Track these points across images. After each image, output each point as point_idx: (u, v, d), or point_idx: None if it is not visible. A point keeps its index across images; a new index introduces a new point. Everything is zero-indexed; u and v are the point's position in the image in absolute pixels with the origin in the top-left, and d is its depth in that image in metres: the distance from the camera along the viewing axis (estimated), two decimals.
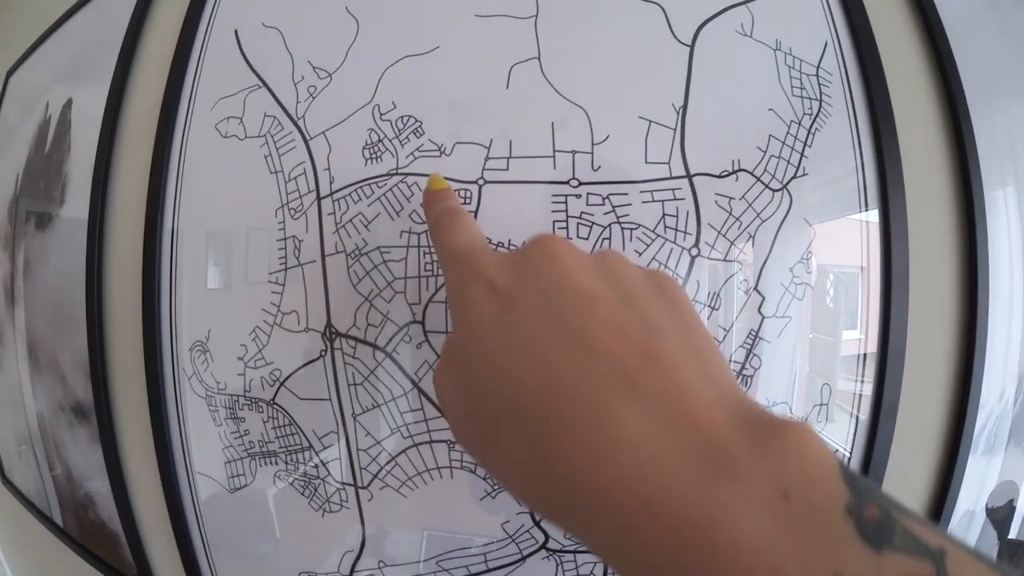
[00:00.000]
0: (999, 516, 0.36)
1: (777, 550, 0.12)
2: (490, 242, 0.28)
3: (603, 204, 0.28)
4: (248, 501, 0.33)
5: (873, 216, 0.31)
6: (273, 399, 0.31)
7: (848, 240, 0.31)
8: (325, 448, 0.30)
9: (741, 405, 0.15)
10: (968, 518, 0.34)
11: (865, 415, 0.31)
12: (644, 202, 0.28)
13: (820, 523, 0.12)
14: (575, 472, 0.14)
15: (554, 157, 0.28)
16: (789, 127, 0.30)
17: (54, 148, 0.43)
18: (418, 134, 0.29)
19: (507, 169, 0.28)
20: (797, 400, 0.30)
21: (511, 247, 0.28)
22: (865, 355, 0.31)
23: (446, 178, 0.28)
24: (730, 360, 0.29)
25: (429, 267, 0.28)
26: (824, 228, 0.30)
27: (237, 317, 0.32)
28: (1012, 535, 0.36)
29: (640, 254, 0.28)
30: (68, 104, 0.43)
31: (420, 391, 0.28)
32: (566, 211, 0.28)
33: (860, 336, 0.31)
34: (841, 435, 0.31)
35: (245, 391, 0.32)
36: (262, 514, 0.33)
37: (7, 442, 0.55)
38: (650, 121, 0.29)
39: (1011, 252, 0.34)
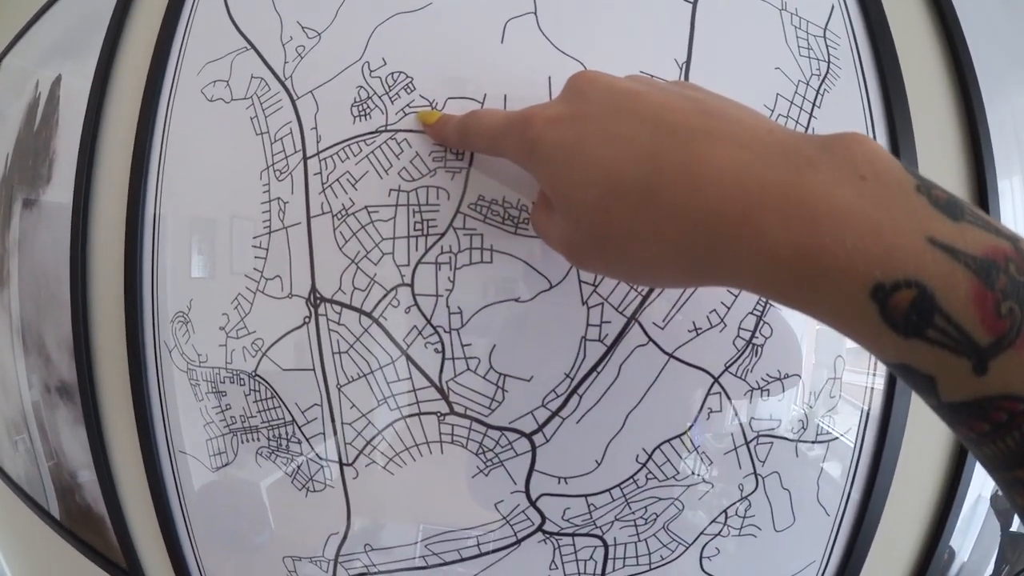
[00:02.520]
0: (1002, 506, 0.32)
1: (869, 214, 0.13)
2: (483, 199, 0.24)
3: None
4: (230, 480, 0.29)
5: None
6: (255, 371, 0.27)
7: None
8: (308, 422, 0.26)
9: (795, 131, 0.16)
10: (973, 507, 0.31)
11: (877, 404, 0.27)
12: None
13: (899, 196, 0.13)
14: (691, 207, 0.15)
15: None
16: (797, 87, 0.27)
17: (43, 126, 0.40)
18: (408, 90, 0.26)
19: None
20: (807, 372, 0.26)
21: (505, 206, 0.24)
22: None
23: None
24: (739, 328, 0.25)
25: (419, 226, 0.25)
26: None
27: (220, 285, 0.28)
28: (1014, 527, 0.32)
29: None
30: (57, 81, 0.39)
31: (409, 359, 0.25)
32: None
33: None
34: (852, 420, 0.27)
35: (227, 363, 0.28)
36: (244, 494, 0.29)
37: None
38: (652, 76, 0.25)
39: None
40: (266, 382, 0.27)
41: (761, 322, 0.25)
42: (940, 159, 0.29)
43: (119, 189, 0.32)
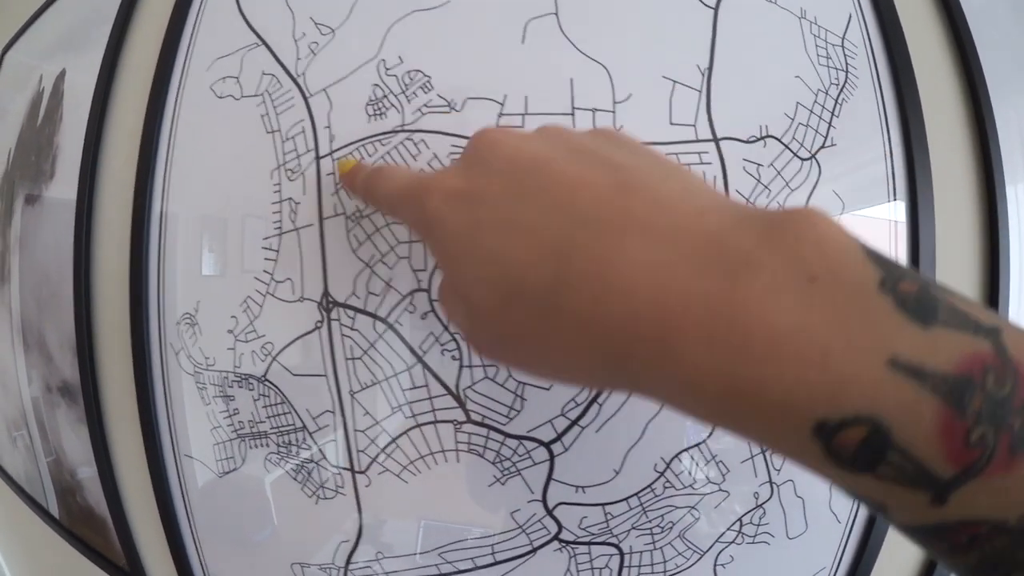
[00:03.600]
0: None
1: (817, 332, 0.10)
2: None
3: None
4: (238, 486, 0.28)
5: (900, 214, 0.26)
6: (264, 375, 0.26)
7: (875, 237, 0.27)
8: (320, 429, 0.25)
9: (734, 207, 0.13)
10: None
11: None
12: None
13: (857, 302, 0.10)
14: (599, 320, 0.12)
15: (573, 115, 0.24)
16: (816, 95, 0.26)
17: (46, 121, 0.37)
18: (426, 89, 0.24)
19: (523, 126, 0.24)
20: None
21: None
22: None
23: (456, 135, 0.23)
24: None
25: None
26: (852, 223, 0.26)
27: (228, 287, 0.26)
28: None
29: None
30: (61, 75, 0.37)
31: (425, 366, 0.23)
32: None
33: None
34: None
35: (235, 367, 0.26)
36: (252, 501, 0.28)
37: None
38: (674, 81, 0.24)
39: (1022, 251, 0.29)
40: (276, 387, 0.26)
41: None
42: (951, 165, 0.28)
43: (124, 186, 0.30)
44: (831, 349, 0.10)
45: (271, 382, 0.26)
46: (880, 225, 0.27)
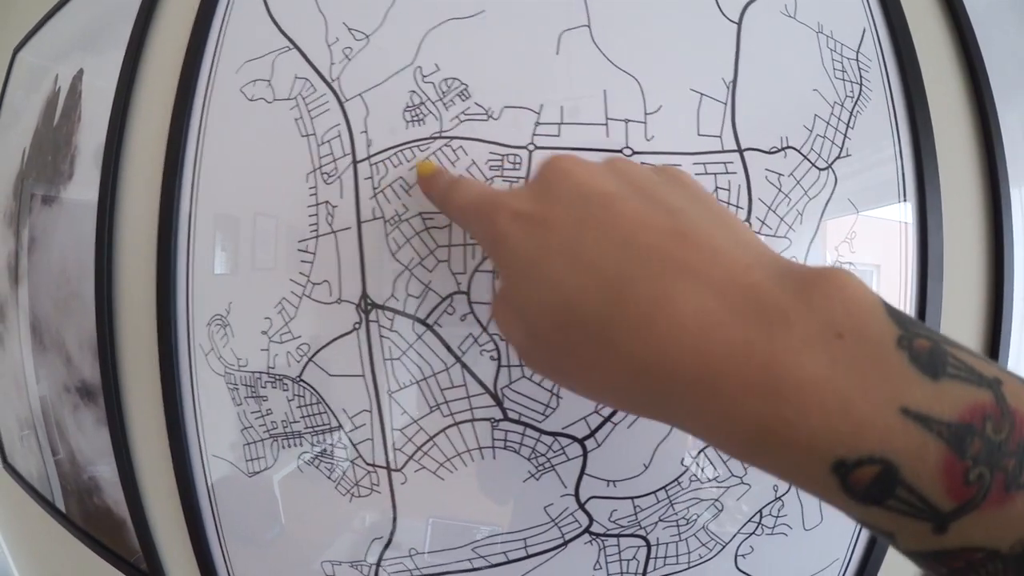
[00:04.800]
0: None
1: (840, 384, 0.12)
2: None
3: None
4: (267, 486, 0.28)
5: (908, 214, 0.28)
6: (300, 376, 0.26)
7: (885, 237, 0.28)
8: (356, 428, 0.25)
9: (777, 262, 0.14)
10: None
11: None
12: (698, 174, 0.24)
13: (876, 357, 0.12)
14: (647, 357, 0.13)
15: (607, 125, 0.24)
16: (832, 108, 0.27)
17: (63, 120, 0.37)
18: (463, 97, 0.25)
19: (559, 135, 0.24)
20: None
21: None
22: None
23: (494, 142, 0.24)
24: None
25: None
26: (862, 223, 0.27)
27: (262, 289, 0.26)
28: None
29: None
30: (79, 75, 0.37)
31: (463, 366, 0.24)
32: None
33: None
34: None
35: (269, 368, 0.26)
36: (283, 500, 0.28)
37: (9, 426, 0.48)
38: (702, 94, 0.25)
39: None
40: (311, 387, 0.26)
41: None
42: (958, 170, 0.29)
43: (148, 187, 0.30)
44: (851, 399, 0.12)
45: (306, 383, 0.26)
46: (890, 226, 0.28)
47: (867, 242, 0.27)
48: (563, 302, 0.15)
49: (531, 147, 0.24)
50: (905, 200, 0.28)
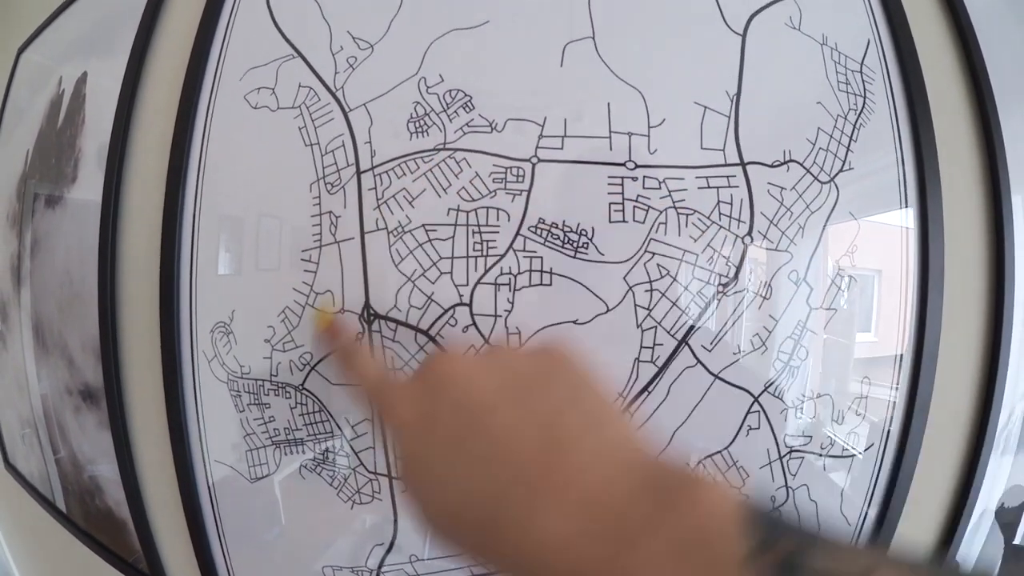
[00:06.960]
0: (1007, 519, 0.33)
1: None
2: (543, 222, 0.24)
3: (659, 188, 0.24)
4: (269, 491, 0.28)
5: (910, 220, 0.28)
6: (302, 384, 0.26)
7: (886, 243, 0.28)
8: (358, 436, 0.25)
9: (642, 468, 0.15)
10: (978, 521, 0.31)
11: (897, 421, 0.28)
12: (700, 188, 0.24)
13: (720, 571, 0.12)
14: (520, 562, 0.15)
15: (610, 138, 0.24)
16: (836, 121, 0.27)
17: (67, 123, 0.37)
18: (467, 108, 0.24)
19: (562, 148, 0.24)
20: (837, 393, 0.27)
21: (565, 230, 0.24)
22: (901, 356, 0.27)
23: (498, 155, 0.24)
24: (778, 351, 0.25)
25: (478, 247, 0.24)
26: (864, 229, 0.27)
27: (265, 297, 0.26)
28: (1017, 539, 0.33)
29: (695, 240, 0.24)
30: (83, 78, 0.36)
31: None
32: (622, 193, 0.24)
33: (884, 337, 0.28)
34: (875, 437, 0.28)
35: (272, 375, 0.26)
36: (285, 505, 0.28)
37: (11, 426, 0.48)
38: (705, 107, 0.25)
39: None
40: (314, 396, 0.26)
41: (798, 346, 0.25)
42: (959, 179, 0.29)
43: (151, 191, 0.30)
44: None
45: (309, 391, 0.26)
46: (891, 231, 0.28)
47: (868, 247, 0.27)
48: (447, 503, 0.16)
49: (534, 159, 0.24)
50: (907, 206, 0.28)
